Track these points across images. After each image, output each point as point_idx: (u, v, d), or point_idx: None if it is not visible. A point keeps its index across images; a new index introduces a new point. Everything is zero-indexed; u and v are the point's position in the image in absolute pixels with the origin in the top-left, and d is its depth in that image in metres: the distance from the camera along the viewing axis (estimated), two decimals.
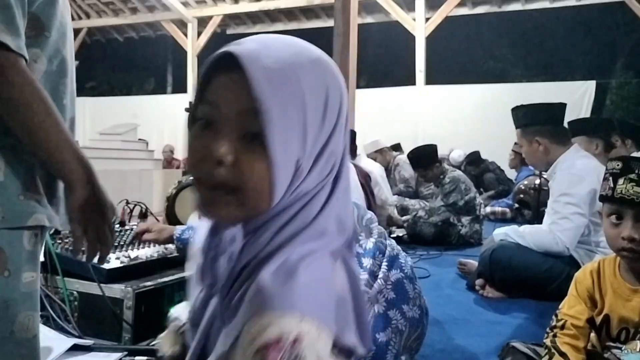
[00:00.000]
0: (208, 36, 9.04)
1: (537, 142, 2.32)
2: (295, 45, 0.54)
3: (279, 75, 0.50)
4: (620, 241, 1.17)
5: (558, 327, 1.27)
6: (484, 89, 8.00)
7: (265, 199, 0.52)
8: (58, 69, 0.85)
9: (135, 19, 9.48)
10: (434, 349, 1.66)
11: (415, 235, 3.78)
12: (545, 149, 2.31)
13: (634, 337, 1.18)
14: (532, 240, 2.25)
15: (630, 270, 1.21)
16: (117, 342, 1.42)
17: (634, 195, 1.14)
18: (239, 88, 0.50)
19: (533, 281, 2.21)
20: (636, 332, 1.17)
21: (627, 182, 1.16)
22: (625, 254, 1.18)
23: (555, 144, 2.30)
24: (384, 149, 5.29)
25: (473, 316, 2.07)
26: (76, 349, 1.34)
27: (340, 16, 5.06)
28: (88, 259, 0.89)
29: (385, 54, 13.80)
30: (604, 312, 1.23)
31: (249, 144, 0.51)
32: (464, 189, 3.83)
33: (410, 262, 1.50)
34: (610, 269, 1.26)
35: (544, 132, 2.31)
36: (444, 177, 3.89)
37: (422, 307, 1.45)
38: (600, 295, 1.25)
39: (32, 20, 0.79)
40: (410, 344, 1.41)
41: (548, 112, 2.38)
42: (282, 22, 9.19)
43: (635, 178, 1.15)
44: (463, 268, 2.74)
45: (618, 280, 1.22)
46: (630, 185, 1.15)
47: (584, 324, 1.25)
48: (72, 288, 1.48)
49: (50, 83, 0.83)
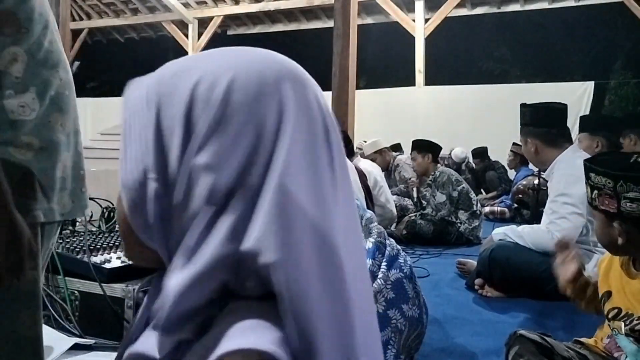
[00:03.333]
0: (209, 37, 9.06)
1: (530, 142, 2.38)
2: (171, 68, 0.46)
3: (134, 97, 0.46)
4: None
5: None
6: (483, 90, 8.01)
7: (135, 232, 0.45)
8: (44, 60, 0.82)
9: (136, 19, 9.49)
10: (433, 348, 1.67)
11: (414, 234, 3.79)
12: (536, 149, 2.36)
13: (620, 318, 1.20)
14: (530, 240, 2.26)
15: (632, 259, 1.24)
16: (118, 341, 1.42)
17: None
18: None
19: (532, 280, 2.22)
20: (625, 314, 1.20)
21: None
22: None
23: (547, 146, 2.34)
24: (383, 149, 5.30)
25: (472, 315, 2.08)
26: (77, 348, 1.35)
27: (340, 17, 5.07)
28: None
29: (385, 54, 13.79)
30: (605, 289, 1.26)
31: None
32: (454, 180, 3.87)
33: (409, 262, 1.51)
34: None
35: (537, 134, 2.36)
36: (434, 172, 3.94)
37: (422, 307, 1.46)
38: (607, 274, 1.27)
39: (7, 18, 0.76)
40: (410, 343, 1.42)
41: (547, 114, 2.40)
42: (283, 22, 9.21)
43: (591, 184, 1.20)
44: (462, 267, 2.74)
45: (624, 264, 1.25)
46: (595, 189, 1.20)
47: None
48: (73, 287, 1.49)
49: (38, 76, 0.81)
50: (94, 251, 1.53)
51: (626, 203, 1.12)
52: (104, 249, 1.57)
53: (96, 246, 1.57)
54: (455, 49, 14.04)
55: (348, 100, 5.09)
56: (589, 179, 1.21)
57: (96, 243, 1.59)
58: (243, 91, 0.40)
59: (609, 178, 1.14)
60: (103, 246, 1.58)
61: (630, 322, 1.17)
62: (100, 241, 1.62)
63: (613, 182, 1.13)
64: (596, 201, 1.19)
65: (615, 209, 1.14)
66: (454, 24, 9.32)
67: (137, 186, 0.41)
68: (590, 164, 1.21)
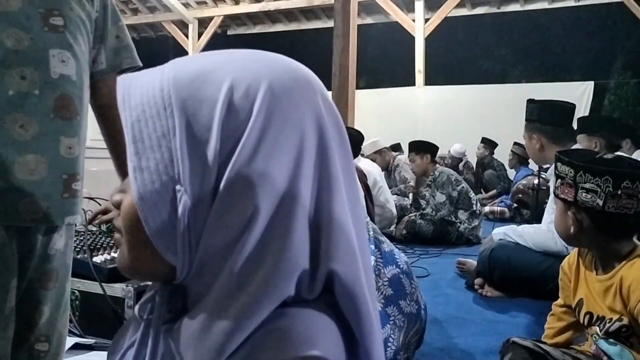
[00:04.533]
0: (209, 37, 9.05)
1: (535, 138, 2.35)
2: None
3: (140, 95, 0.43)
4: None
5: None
6: (483, 90, 8.01)
7: (141, 244, 0.42)
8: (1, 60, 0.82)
9: (136, 19, 9.48)
10: (433, 348, 1.67)
11: (414, 234, 3.79)
12: (541, 146, 2.34)
13: (595, 323, 1.23)
14: (530, 240, 2.26)
15: (595, 258, 1.27)
16: None
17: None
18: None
19: (532, 280, 2.21)
20: (597, 318, 1.22)
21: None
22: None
23: (553, 143, 2.31)
24: (383, 149, 5.30)
25: (472, 315, 2.08)
26: (78, 347, 1.35)
27: (340, 17, 5.07)
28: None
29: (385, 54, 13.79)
30: (578, 296, 1.30)
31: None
32: (454, 180, 3.87)
33: (404, 257, 1.51)
34: (583, 256, 1.32)
35: (543, 130, 2.33)
36: (433, 172, 3.94)
37: (420, 302, 1.46)
38: (577, 281, 1.31)
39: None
40: (410, 340, 1.42)
41: (556, 111, 2.39)
42: (283, 22, 9.20)
43: (557, 173, 1.27)
44: (462, 267, 2.74)
45: (588, 268, 1.29)
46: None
47: (561, 307, 1.40)
48: (74, 287, 1.49)
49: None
50: (94, 251, 1.53)
51: (582, 193, 1.18)
52: (104, 249, 1.57)
53: (96, 246, 1.57)
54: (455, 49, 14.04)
55: (348, 100, 5.09)
56: (556, 168, 1.27)
57: (96, 243, 1.59)
58: (283, 99, 0.39)
59: (571, 167, 1.20)
60: (103, 246, 1.58)
61: (603, 325, 1.19)
62: (101, 241, 1.62)
63: (574, 172, 1.19)
64: (558, 190, 1.25)
65: (572, 198, 1.20)
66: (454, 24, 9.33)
67: (162, 199, 0.38)
68: (559, 154, 1.28)
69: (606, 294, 1.19)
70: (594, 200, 1.16)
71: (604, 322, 1.19)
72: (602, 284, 1.21)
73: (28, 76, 0.84)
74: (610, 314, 1.18)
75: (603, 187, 1.14)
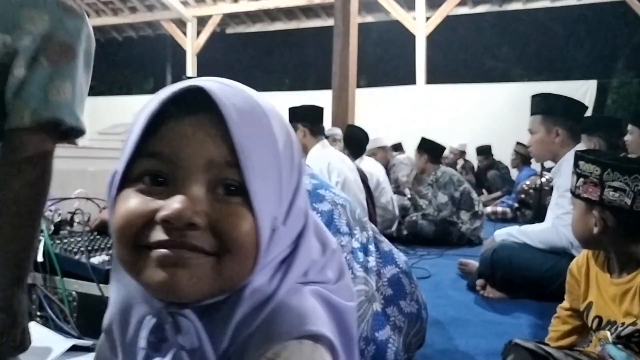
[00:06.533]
0: (207, 35, 9.04)
1: (555, 132, 2.28)
2: (244, 86, 0.47)
3: (253, 118, 0.43)
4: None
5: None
6: (485, 88, 8.00)
7: (249, 267, 0.44)
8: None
9: (135, 18, 9.47)
10: (435, 349, 1.66)
11: (415, 234, 3.77)
12: (562, 140, 2.27)
13: (604, 327, 1.21)
14: (536, 237, 2.24)
15: (608, 260, 1.25)
16: None
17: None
18: (207, 133, 0.42)
19: (534, 281, 2.20)
20: (608, 322, 1.20)
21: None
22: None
23: (571, 138, 2.27)
24: (385, 146, 5.30)
25: (474, 316, 2.07)
26: (76, 349, 1.33)
27: (340, 15, 5.06)
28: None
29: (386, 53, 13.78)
30: (588, 300, 1.27)
31: (223, 201, 0.43)
32: (456, 180, 3.86)
33: (403, 257, 1.50)
34: (594, 259, 1.30)
35: (566, 124, 2.27)
36: (435, 172, 3.92)
37: (420, 301, 1.45)
38: (587, 284, 1.29)
39: None
40: (410, 340, 1.40)
41: (577, 108, 2.38)
42: (282, 21, 9.18)
43: (578, 172, 1.24)
44: (464, 268, 2.73)
45: (600, 270, 1.26)
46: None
47: (567, 310, 1.36)
48: (71, 288, 1.47)
49: None
50: (92, 252, 1.52)
51: (609, 191, 1.15)
52: (101, 250, 1.55)
53: (94, 247, 1.55)
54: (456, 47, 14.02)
55: (348, 99, 5.08)
56: (577, 167, 1.24)
57: (94, 244, 1.58)
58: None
59: (598, 165, 1.17)
60: (101, 247, 1.57)
61: (615, 329, 1.17)
62: (98, 242, 1.61)
63: (601, 170, 1.16)
64: (579, 189, 1.22)
65: (597, 197, 1.17)
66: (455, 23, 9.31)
67: (271, 225, 0.45)
68: (582, 153, 1.25)
69: (623, 297, 1.17)
70: (622, 199, 1.13)
71: (615, 327, 1.17)
72: (618, 287, 1.19)
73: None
74: (623, 318, 1.16)
75: (632, 185, 1.12)
